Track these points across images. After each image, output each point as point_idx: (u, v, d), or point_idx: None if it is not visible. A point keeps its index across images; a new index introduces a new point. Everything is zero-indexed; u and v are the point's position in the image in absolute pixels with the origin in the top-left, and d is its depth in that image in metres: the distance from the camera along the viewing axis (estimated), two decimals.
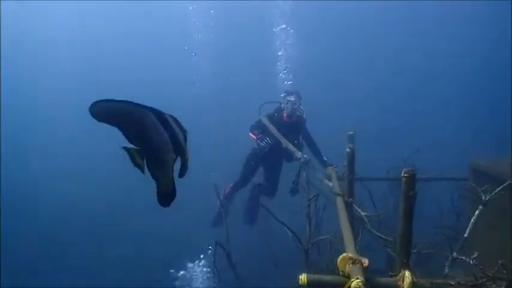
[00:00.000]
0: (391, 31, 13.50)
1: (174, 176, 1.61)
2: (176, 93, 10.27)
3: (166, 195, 1.59)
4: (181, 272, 6.45)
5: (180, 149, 1.58)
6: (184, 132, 1.59)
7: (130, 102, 1.48)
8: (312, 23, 11.22)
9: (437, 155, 8.42)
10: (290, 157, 5.96)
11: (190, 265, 6.50)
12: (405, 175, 2.27)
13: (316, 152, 6.24)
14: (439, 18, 13.48)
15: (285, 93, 6.25)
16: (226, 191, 6.58)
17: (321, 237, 4.02)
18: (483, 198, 3.75)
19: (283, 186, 6.11)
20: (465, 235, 3.80)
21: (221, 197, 6.31)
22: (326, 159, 6.08)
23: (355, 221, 4.10)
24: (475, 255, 2.10)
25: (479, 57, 12.83)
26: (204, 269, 6.38)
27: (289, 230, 4.08)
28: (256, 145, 6.13)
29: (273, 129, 5.81)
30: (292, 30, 8.93)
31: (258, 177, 6.72)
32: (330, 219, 4.60)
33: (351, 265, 2.27)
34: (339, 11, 13.18)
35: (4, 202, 9.11)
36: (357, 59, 13.51)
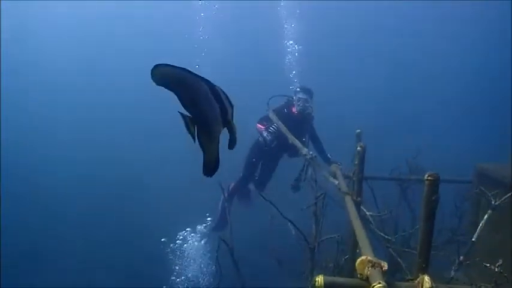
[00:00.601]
0: (391, 31, 13.47)
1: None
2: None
3: (211, 166, 1.62)
4: (179, 242, 6.51)
5: (227, 123, 1.61)
6: (232, 106, 1.62)
7: (187, 69, 1.50)
8: (312, 23, 11.17)
9: (438, 154, 8.41)
10: (294, 153, 5.93)
11: (182, 233, 6.55)
12: (429, 178, 2.22)
13: (320, 149, 6.21)
14: (439, 18, 13.47)
15: (297, 90, 6.20)
16: (230, 187, 6.54)
17: (329, 236, 3.97)
18: (493, 202, 3.72)
19: (285, 183, 6.07)
20: (473, 239, 3.77)
21: (225, 194, 6.27)
22: (330, 156, 6.07)
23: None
24: (500, 262, 2.06)
25: (479, 58, 12.83)
26: (202, 242, 6.43)
27: (296, 227, 4.04)
28: (260, 138, 6.09)
29: (281, 125, 5.76)
30: (298, 11, 8.94)
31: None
32: (332, 216, 4.59)
33: (370, 268, 2.22)
34: (339, 10, 13.10)
35: (4, 200, 8.99)
36: (356, 60, 13.47)
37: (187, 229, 6.59)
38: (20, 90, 12.51)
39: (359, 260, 2.29)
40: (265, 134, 6.01)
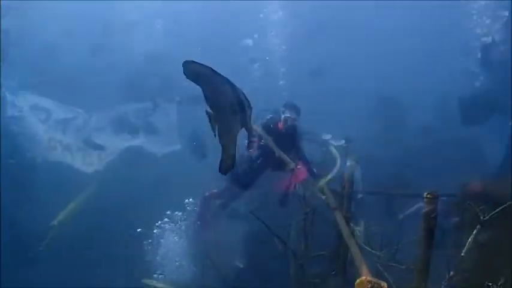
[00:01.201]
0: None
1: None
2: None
3: (227, 163, 1.67)
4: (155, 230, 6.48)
5: (246, 123, 1.67)
6: (250, 108, 1.68)
7: (212, 69, 1.55)
8: (309, 22, 11.14)
9: (428, 163, 8.41)
10: (278, 167, 5.90)
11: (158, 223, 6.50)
12: (428, 196, 2.19)
13: (306, 164, 6.17)
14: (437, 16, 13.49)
15: (284, 108, 6.21)
16: (207, 194, 6.47)
17: (318, 254, 3.91)
18: (481, 217, 3.71)
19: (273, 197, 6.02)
20: (462, 254, 3.75)
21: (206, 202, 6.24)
22: (315, 170, 6.03)
23: None
24: (502, 281, 2.02)
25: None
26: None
27: (284, 243, 3.97)
28: (247, 152, 6.05)
29: (269, 140, 5.72)
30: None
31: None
32: (318, 229, 4.52)
33: None
34: (337, 9, 13.01)
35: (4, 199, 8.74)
36: (344, 69, 13.44)
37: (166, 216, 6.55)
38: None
39: (358, 280, 2.23)
40: (252, 149, 5.98)
